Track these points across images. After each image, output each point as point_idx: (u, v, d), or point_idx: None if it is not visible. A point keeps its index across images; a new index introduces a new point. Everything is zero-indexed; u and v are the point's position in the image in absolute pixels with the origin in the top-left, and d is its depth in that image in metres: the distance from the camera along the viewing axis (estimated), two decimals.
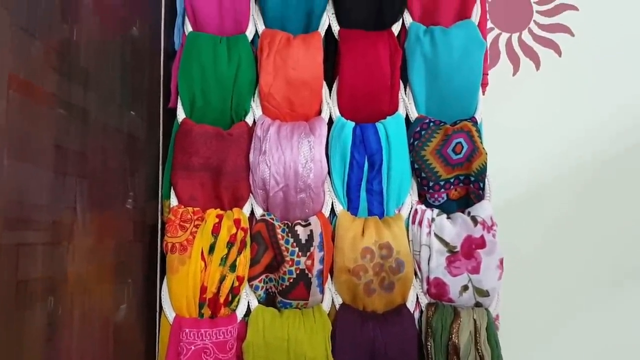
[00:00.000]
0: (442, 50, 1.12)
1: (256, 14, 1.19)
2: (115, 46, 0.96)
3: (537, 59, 1.24)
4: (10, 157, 0.64)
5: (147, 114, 1.11)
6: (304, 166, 1.09)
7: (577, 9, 1.24)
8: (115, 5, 0.97)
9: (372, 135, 1.12)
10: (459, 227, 1.08)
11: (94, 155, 0.86)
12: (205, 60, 1.14)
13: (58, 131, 0.75)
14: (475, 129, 1.11)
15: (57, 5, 0.75)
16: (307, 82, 1.14)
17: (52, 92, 0.73)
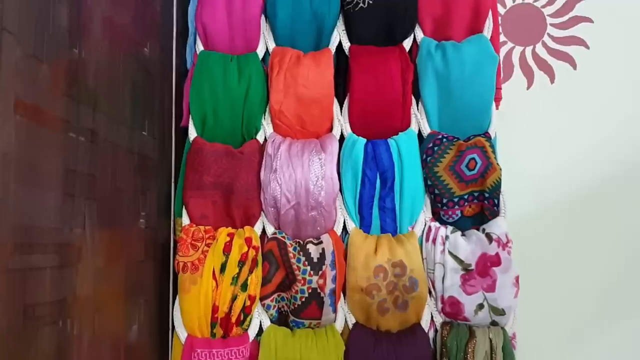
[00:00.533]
0: (454, 65, 1.11)
1: (267, 32, 1.19)
2: (126, 67, 0.96)
3: (552, 72, 1.23)
4: (18, 182, 0.64)
5: (159, 133, 1.12)
6: (314, 184, 1.08)
7: (592, 21, 1.22)
8: (126, 27, 0.97)
9: (384, 151, 1.11)
10: (474, 245, 1.06)
11: (103, 177, 0.86)
12: (216, 79, 1.14)
13: (66, 154, 0.75)
14: (489, 144, 1.09)
15: (65, 29, 0.75)
16: (318, 100, 1.14)
17: (60, 116, 0.74)
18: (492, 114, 1.13)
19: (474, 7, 1.13)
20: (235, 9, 1.17)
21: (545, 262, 1.17)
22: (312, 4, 1.15)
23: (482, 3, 1.13)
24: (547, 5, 1.24)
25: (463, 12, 1.14)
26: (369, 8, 1.15)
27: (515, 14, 1.25)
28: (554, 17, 1.24)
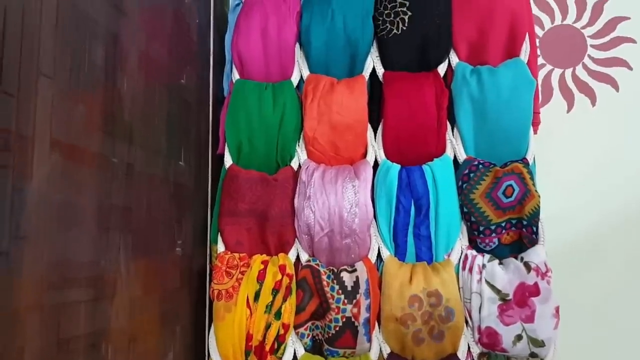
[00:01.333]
0: (490, 90, 1.09)
1: (301, 60, 1.20)
2: (162, 98, 0.99)
3: (593, 95, 1.19)
4: (53, 221, 0.66)
5: (195, 161, 1.13)
6: (348, 211, 1.08)
7: (634, 42, 1.18)
8: (162, 59, 1.00)
9: (418, 178, 1.09)
10: (512, 274, 1.04)
11: (139, 208, 0.88)
12: (251, 107, 1.16)
13: (102, 189, 0.77)
14: (527, 170, 1.07)
15: (101, 67, 0.78)
16: (351, 126, 1.14)
17: (96, 152, 0.76)
18: (530, 139, 1.10)
19: (510, 31, 1.12)
20: (270, 38, 1.18)
21: (587, 292, 1.13)
22: (346, 31, 1.16)
23: (518, 26, 1.11)
24: (587, 26, 1.21)
25: (499, 36, 1.12)
26: (402, 34, 1.14)
27: (554, 36, 1.22)
28: (594, 38, 1.21)
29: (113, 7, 0.82)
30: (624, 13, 1.19)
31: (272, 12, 1.19)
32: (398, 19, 1.15)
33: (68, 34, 0.70)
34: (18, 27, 0.61)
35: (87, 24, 0.75)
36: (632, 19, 1.19)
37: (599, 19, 1.20)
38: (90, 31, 0.75)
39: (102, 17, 0.79)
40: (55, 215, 0.66)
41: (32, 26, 0.63)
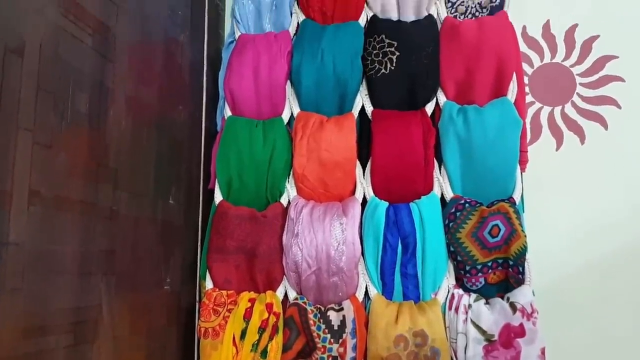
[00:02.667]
0: (476, 129, 1.10)
1: (292, 97, 1.21)
2: (150, 140, 1.00)
3: (582, 133, 1.19)
4: (31, 271, 0.67)
5: (184, 198, 1.15)
6: (335, 249, 1.09)
7: (623, 80, 1.19)
8: (152, 100, 1.02)
9: (405, 216, 1.10)
10: (497, 314, 1.03)
11: (123, 251, 0.89)
12: (241, 144, 1.17)
13: (84, 235, 0.78)
14: (513, 210, 1.07)
15: (84, 115, 0.79)
16: (340, 163, 1.15)
17: (77, 199, 0.77)
18: (517, 178, 1.10)
19: (498, 71, 1.12)
20: (261, 76, 1.20)
21: (574, 333, 1.12)
22: (336, 70, 1.17)
23: (505, 66, 1.12)
24: (576, 64, 1.21)
25: (486, 75, 1.13)
26: (390, 74, 1.16)
27: (543, 74, 1.23)
28: (583, 77, 1.21)
29: (99, 55, 0.84)
30: (612, 52, 1.19)
31: (264, 51, 1.21)
32: (386, 59, 1.16)
33: (50, 85, 0.72)
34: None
35: (70, 73, 0.77)
36: (621, 57, 1.19)
37: (588, 58, 1.21)
38: (74, 80, 0.78)
39: (87, 66, 0.81)
40: (34, 265, 0.68)
41: (12, 81, 0.65)
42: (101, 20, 0.85)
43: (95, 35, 0.83)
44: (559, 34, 1.23)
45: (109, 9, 0.87)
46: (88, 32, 0.81)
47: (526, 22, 1.24)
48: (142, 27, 0.99)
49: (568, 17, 1.23)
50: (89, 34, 0.81)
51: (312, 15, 1.24)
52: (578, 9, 1.23)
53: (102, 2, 0.86)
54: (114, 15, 0.89)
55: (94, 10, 0.83)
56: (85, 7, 0.81)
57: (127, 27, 0.93)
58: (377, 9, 1.22)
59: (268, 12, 1.26)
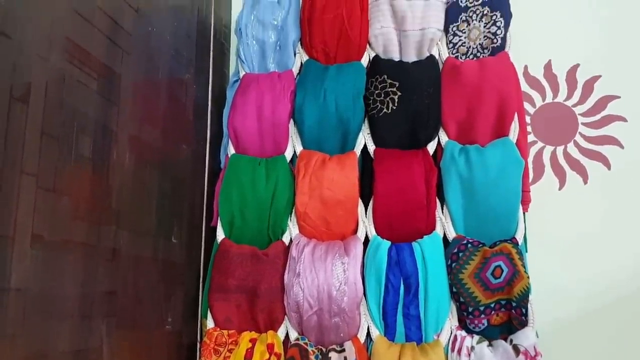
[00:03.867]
0: (478, 170, 1.10)
1: (294, 136, 1.23)
2: (153, 180, 1.01)
3: (585, 173, 1.19)
4: (31, 315, 0.67)
5: (187, 236, 1.15)
6: (337, 289, 1.08)
7: (625, 120, 1.19)
8: (155, 141, 1.03)
9: (407, 256, 1.09)
10: (500, 357, 1.02)
11: (124, 291, 0.89)
12: (244, 182, 1.18)
13: (85, 277, 0.79)
14: (516, 250, 1.07)
15: (88, 158, 0.80)
16: (342, 202, 1.15)
17: (79, 241, 0.78)
18: (520, 218, 1.10)
19: (499, 111, 1.13)
20: (265, 115, 1.22)
21: None
22: (338, 110, 1.18)
23: (507, 106, 1.13)
24: (578, 104, 1.22)
25: (487, 115, 1.13)
26: (392, 113, 1.17)
27: (545, 113, 1.23)
28: (585, 116, 1.22)
29: (103, 98, 0.85)
30: (614, 92, 1.20)
31: (267, 90, 1.23)
32: (388, 99, 1.17)
33: (55, 130, 0.73)
34: (2, 128, 0.64)
35: (75, 118, 0.78)
36: (622, 97, 1.20)
37: (590, 97, 1.21)
38: (79, 124, 0.79)
39: (92, 110, 0.82)
40: (35, 309, 0.68)
41: (17, 127, 0.66)
42: (106, 64, 0.86)
43: (100, 79, 0.84)
44: (561, 74, 1.24)
45: (114, 53, 0.89)
46: (93, 76, 0.82)
47: (528, 62, 1.25)
48: (146, 69, 1.01)
49: (569, 57, 1.24)
50: (94, 78, 0.82)
51: (315, 56, 1.26)
52: (579, 49, 1.24)
53: (107, 46, 0.87)
54: (119, 58, 0.90)
55: (99, 54, 0.84)
56: (91, 51, 0.82)
57: (132, 69, 0.95)
58: (379, 49, 1.24)
59: (272, 52, 1.28)
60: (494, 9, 1.19)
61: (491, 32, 1.18)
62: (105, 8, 0.87)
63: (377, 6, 1.24)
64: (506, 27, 1.18)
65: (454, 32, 1.21)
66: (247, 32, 1.27)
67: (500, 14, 1.18)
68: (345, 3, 1.24)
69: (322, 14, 1.24)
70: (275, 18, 1.28)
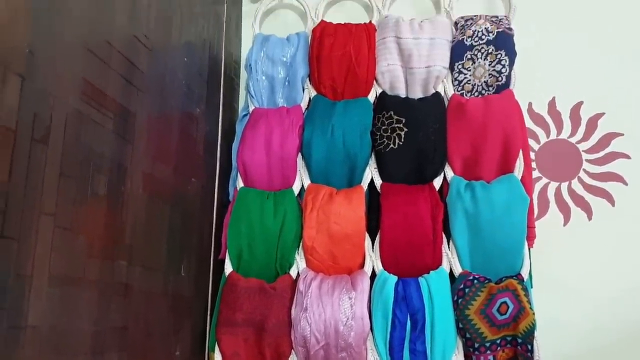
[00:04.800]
0: (483, 206, 1.12)
1: (302, 170, 1.25)
2: (165, 215, 1.03)
3: (589, 209, 1.21)
4: (46, 354, 0.69)
5: (195, 269, 1.16)
6: (344, 324, 1.09)
7: (629, 157, 1.21)
8: (168, 177, 1.04)
9: (414, 292, 1.10)
10: None
11: (135, 326, 0.90)
12: (253, 215, 1.19)
13: (99, 313, 0.80)
14: (522, 287, 1.08)
15: (103, 196, 0.82)
16: (349, 236, 1.17)
17: (94, 278, 0.79)
18: (525, 255, 1.11)
19: (504, 148, 1.15)
20: (273, 149, 1.24)
21: None
22: (345, 145, 1.21)
23: (512, 143, 1.15)
24: (582, 141, 1.24)
25: (492, 153, 1.15)
26: (399, 149, 1.19)
27: (549, 150, 1.25)
28: (589, 153, 1.23)
29: (119, 137, 0.87)
30: (617, 129, 1.22)
31: (276, 125, 1.25)
32: (395, 135, 1.19)
33: (72, 170, 0.75)
34: (23, 171, 0.66)
35: (91, 157, 0.80)
36: (626, 135, 1.21)
37: (594, 134, 1.23)
38: (95, 163, 0.81)
39: (107, 149, 0.84)
40: (50, 346, 0.69)
41: (37, 168, 0.68)
42: (122, 103, 0.88)
43: (116, 118, 0.86)
44: (565, 111, 1.26)
45: (129, 92, 0.91)
46: (109, 116, 0.85)
47: (532, 99, 1.27)
48: (159, 106, 1.04)
49: (573, 95, 1.27)
50: (110, 117, 0.85)
51: (323, 92, 1.28)
52: (583, 87, 1.26)
53: (123, 87, 0.90)
54: (133, 97, 0.93)
55: (115, 95, 0.87)
56: (107, 92, 0.85)
57: (146, 107, 0.97)
58: (385, 86, 1.26)
59: (281, 88, 1.31)
60: (498, 48, 1.21)
61: (496, 70, 1.21)
62: (121, 49, 0.90)
63: (384, 44, 1.27)
64: (511, 65, 1.20)
65: (459, 70, 1.24)
66: (257, 68, 1.30)
67: (505, 53, 1.21)
68: (353, 41, 1.27)
69: (330, 52, 1.27)
70: (285, 55, 1.31)
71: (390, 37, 1.26)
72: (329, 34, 1.29)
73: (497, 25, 1.23)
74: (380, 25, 1.30)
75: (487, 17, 1.26)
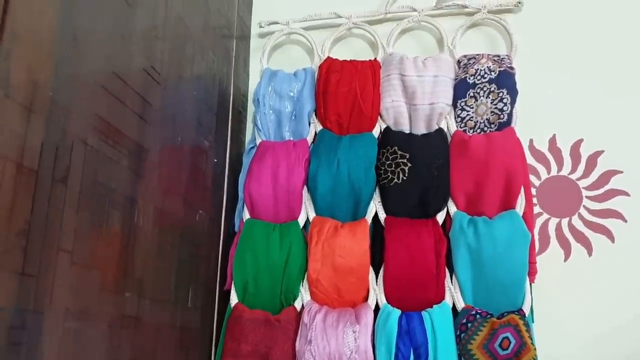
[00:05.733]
0: (486, 242, 1.14)
1: (308, 202, 1.27)
2: (173, 247, 1.05)
3: (589, 245, 1.22)
4: None
5: (202, 300, 1.18)
6: (348, 357, 1.10)
7: (628, 195, 1.23)
8: (177, 210, 1.07)
9: (417, 326, 1.12)
10: None
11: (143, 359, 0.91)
12: (258, 247, 1.22)
13: (110, 348, 0.81)
14: (523, 322, 1.09)
15: (117, 232, 0.84)
16: (354, 269, 1.19)
17: (107, 312, 0.81)
18: (526, 290, 1.13)
19: (506, 185, 1.17)
20: (280, 181, 1.26)
21: None
22: (350, 178, 1.23)
23: (513, 180, 1.17)
24: (582, 177, 1.26)
25: (495, 189, 1.18)
26: (403, 183, 1.22)
27: (549, 186, 1.28)
28: (589, 190, 1.26)
29: (132, 172, 0.90)
30: (617, 167, 1.24)
31: (282, 157, 1.28)
32: (399, 170, 1.22)
33: (89, 207, 0.78)
34: (44, 210, 0.68)
35: (107, 194, 0.82)
36: (625, 172, 1.24)
37: (593, 172, 1.26)
38: (110, 200, 0.83)
39: (121, 185, 0.86)
40: None
41: (57, 207, 0.71)
42: (136, 140, 0.91)
43: (130, 155, 0.89)
44: (565, 148, 1.29)
45: (143, 129, 0.94)
46: (124, 152, 0.87)
47: (533, 136, 1.30)
48: (170, 140, 1.06)
49: (573, 132, 1.29)
50: (124, 154, 0.87)
51: (329, 126, 1.31)
52: (583, 125, 1.29)
53: (137, 123, 0.92)
54: (147, 133, 0.95)
55: (129, 131, 0.89)
56: (123, 130, 0.87)
57: (158, 142, 1.00)
58: (390, 122, 1.29)
59: (288, 122, 1.34)
60: (500, 87, 1.24)
61: (498, 108, 1.24)
62: (135, 86, 0.93)
63: (389, 81, 1.30)
64: (512, 103, 1.23)
65: (462, 107, 1.27)
66: (265, 102, 1.34)
67: (507, 91, 1.24)
68: (358, 78, 1.30)
69: (336, 88, 1.30)
70: (292, 90, 1.34)
71: (394, 74, 1.29)
72: (335, 71, 1.32)
73: (499, 64, 1.27)
74: (385, 63, 1.34)
75: (489, 55, 1.29)
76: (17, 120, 0.64)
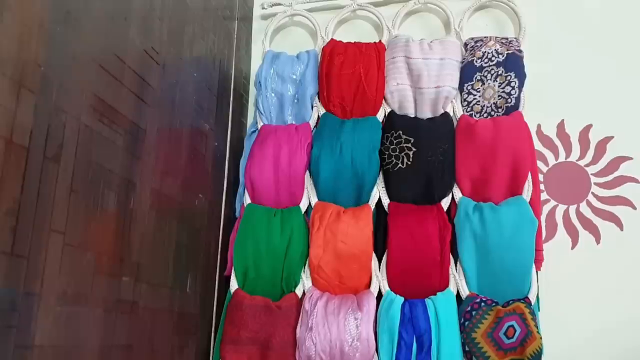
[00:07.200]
0: (492, 228, 1.11)
1: (310, 187, 1.24)
2: (171, 231, 1.03)
3: (597, 233, 1.20)
4: None
5: (201, 285, 1.16)
6: (350, 345, 1.08)
7: (638, 182, 1.20)
8: (176, 193, 1.04)
9: (421, 313, 1.10)
10: None
11: (140, 345, 0.90)
12: (259, 233, 1.19)
13: (105, 331, 0.79)
14: (529, 310, 1.07)
15: (112, 213, 0.82)
16: (356, 255, 1.16)
17: (101, 296, 0.79)
18: (533, 277, 1.11)
19: (513, 170, 1.15)
20: (281, 166, 1.24)
21: None
22: (353, 163, 1.20)
23: (521, 166, 1.15)
24: (591, 164, 1.23)
25: (501, 174, 1.15)
26: (407, 168, 1.19)
27: (557, 172, 1.25)
28: (598, 176, 1.23)
29: (128, 153, 0.87)
30: (626, 153, 1.21)
31: (284, 142, 1.25)
32: (403, 154, 1.19)
33: (82, 187, 0.75)
34: (35, 189, 0.66)
35: (101, 174, 0.80)
36: (635, 159, 1.21)
37: (603, 158, 1.23)
38: (105, 180, 0.81)
39: (117, 166, 0.84)
40: None
41: (48, 186, 0.68)
42: (132, 120, 0.89)
43: (127, 136, 0.86)
44: (574, 134, 1.26)
45: (140, 109, 0.92)
46: (120, 132, 0.85)
47: (541, 121, 1.27)
48: (169, 122, 1.04)
49: (582, 118, 1.26)
50: (120, 134, 0.85)
51: (332, 110, 1.28)
52: (592, 110, 1.26)
53: (135, 103, 0.90)
54: (145, 114, 0.93)
55: (126, 111, 0.87)
56: (119, 109, 0.85)
57: (156, 123, 0.97)
58: (394, 106, 1.26)
59: (290, 105, 1.31)
60: (508, 70, 1.21)
61: (505, 92, 1.20)
62: (133, 66, 0.90)
63: (394, 64, 1.27)
64: (520, 87, 1.20)
65: (468, 91, 1.24)
66: (267, 85, 1.31)
67: (515, 75, 1.21)
68: (362, 60, 1.27)
69: (340, 70, 1.27)
70: (294, 72, 1.31)
71: (400, 57, 1.26)
72: (338, 53, 1.29)
73: (507, 46, 1.23)
74: (390, 45, 1.31)
75: (497, 38, 1.26)
76: (6, 94, 0.62)
